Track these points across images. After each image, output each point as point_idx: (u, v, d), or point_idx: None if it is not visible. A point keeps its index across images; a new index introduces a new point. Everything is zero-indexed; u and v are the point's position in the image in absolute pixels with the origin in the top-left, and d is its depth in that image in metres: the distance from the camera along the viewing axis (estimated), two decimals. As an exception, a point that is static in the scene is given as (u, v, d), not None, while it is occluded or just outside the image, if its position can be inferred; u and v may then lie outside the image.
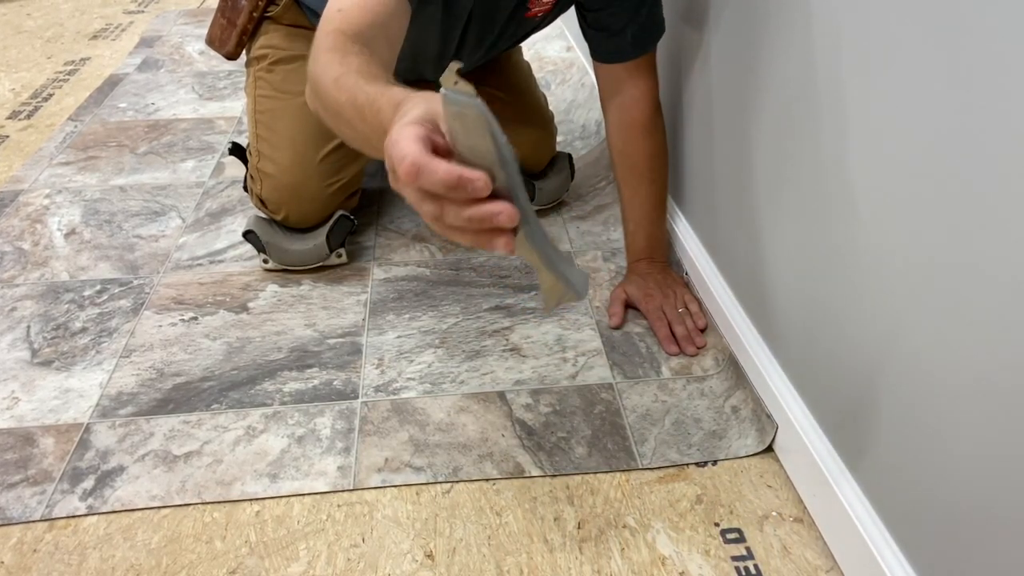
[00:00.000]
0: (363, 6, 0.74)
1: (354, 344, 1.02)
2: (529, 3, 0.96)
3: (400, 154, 0.48)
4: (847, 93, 0.65)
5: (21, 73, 1.95)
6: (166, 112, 1.71)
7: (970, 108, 0.50)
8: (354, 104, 0.64)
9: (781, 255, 0.82)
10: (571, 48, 1.98)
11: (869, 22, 0.61)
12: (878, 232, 0.63)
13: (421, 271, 1.17)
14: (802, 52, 0.72)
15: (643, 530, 0.77)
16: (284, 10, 1.11)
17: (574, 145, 1.52)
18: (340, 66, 0.68)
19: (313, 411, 0.92)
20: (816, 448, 0.76)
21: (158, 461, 0.85)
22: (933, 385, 0.58)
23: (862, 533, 0.67)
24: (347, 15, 0.74)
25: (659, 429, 0.89)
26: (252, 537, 0.77)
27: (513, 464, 0.85)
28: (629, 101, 1.04)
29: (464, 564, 0.74)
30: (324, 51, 0.71)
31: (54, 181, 1.42)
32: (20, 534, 0.78)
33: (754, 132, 0.86)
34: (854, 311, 0.68)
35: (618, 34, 1.00)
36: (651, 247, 1.08)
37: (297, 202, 1.11)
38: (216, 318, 1.07)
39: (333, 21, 0.74)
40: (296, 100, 1.11)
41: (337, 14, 0.74)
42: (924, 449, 0.60)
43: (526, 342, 1.02)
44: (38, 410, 0.92)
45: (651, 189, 1.06)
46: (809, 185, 0.74)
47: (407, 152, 0.48)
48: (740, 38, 0.87)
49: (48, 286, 1.14)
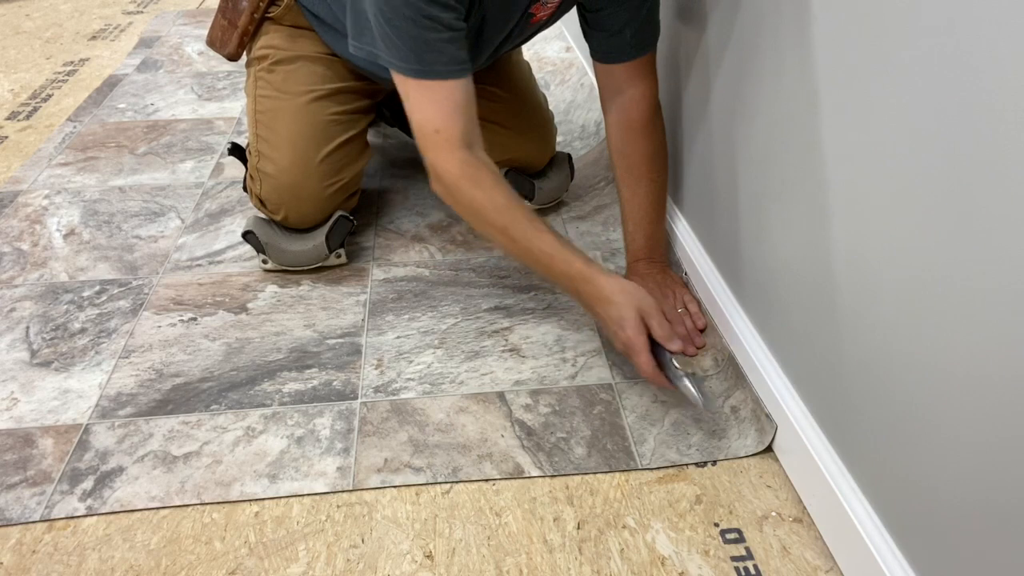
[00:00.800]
0: (452, 114, 0.88)
1: (353, 345, 1.02)
2: (533, 8, 0.96)
3: (640, 361, 0.86)
4: (847, 94, 0.65)
5: (20, 74, 1.95)
6: (165, 113, 1.71)
7: (971, 109, 0.50)
8: (531, 253, 0.90)
9: (780, 255, 0.82)
10: (570, 48, 1.98)
11: (869, 23, 0.61)
12: (877, 232, 0.63)
13: (420, 271, 1.17)
14: (802, 52, 0.72)
15: (642, 530, 0.77)
16: (285, 11, 1.11)
17: (573, 145, 1.52)
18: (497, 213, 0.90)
19: (312, 412, 0.92)
20: (815, 448, 0.76)
21: (157, 462, 0.85)
22: (932, 385, 0.58)
23: (861, 533, 0.67)
24: (448, 134, 0.89)
25: (658, 429, 0.89)
26: (251, 538, 0.77)
27: (512, 464, 0.85)
28: (628, 101, 1.04)
29: (463, 565, 0.74)
30: (458, 179, 0.90)
31: (53, 182, 1.42)
32: (19, 535, 0.78)
33: (753, 132, 0.86)
34: (853, 311, 0.68)
35: (617, 34, 1.00)
36: (650, 247, 1.08)
37: (296, 202, 1.11)
38: (215, 319, 1.07)
39: (438, 143, 0.89)
40: (296, 100, 1.11)
41: (436, 135, 0.89)
42: (923, 449, 0.60)
43: (525, 342, 1.02)
44: (37, 411, 0.92)
45: (650, 189, 1.06)
46: (808, 185, 0.74)
47: (646, 367, 0.86)
48: (739, 38, 0.87)
49: (47, 287, 1.14)
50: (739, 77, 0.88)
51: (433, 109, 0.88)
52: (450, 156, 0.89)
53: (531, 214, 0.91)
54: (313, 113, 1.11)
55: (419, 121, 0.89)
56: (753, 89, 0.84)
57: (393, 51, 0.86)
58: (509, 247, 0.92)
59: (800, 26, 0.72)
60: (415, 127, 0.90)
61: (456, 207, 0.93)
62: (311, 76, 1.12)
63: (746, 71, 0.86)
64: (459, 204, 0.92)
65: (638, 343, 0.86)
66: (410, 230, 1.28)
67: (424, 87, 0.87)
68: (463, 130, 0.89)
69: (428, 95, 0.88)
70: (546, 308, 1.09)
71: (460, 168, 0.89)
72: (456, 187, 0.90)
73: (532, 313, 1.08)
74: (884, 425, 0.65)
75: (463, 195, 0.90)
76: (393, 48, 0.86)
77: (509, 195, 0.91)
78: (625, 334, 0.86)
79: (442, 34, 0.84)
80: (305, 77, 1.12)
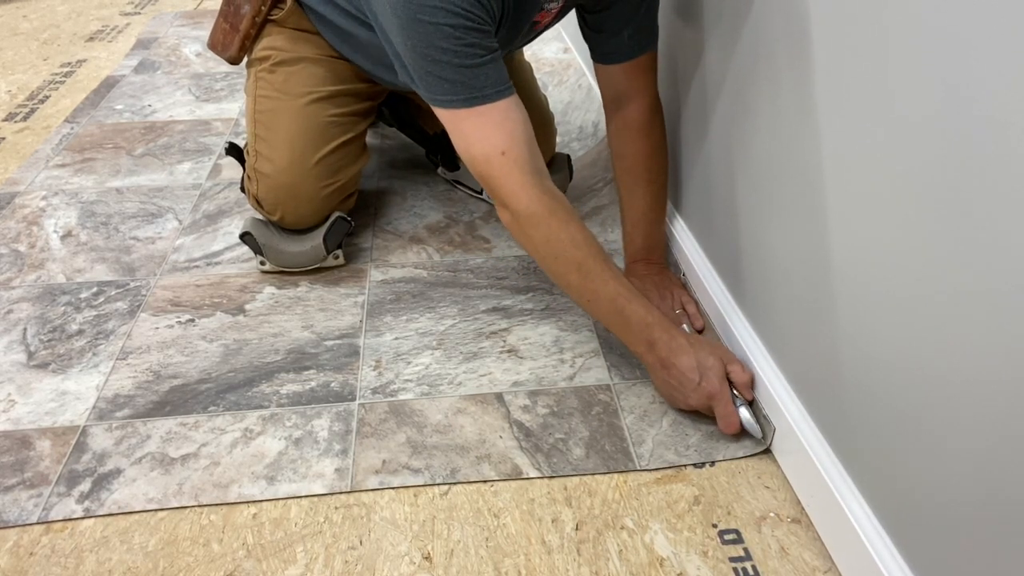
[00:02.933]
0: (514, 133, 0.85)
1: (351, 346, 1.02)
2: (538, 16, 0.96)
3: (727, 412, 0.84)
4: (846, 95, 0.65)
5: (17, 75, 1.95)
6: (163, 114, 1.71)
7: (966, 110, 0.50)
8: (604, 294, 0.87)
9: (778, 257, 0.82)
10: (568, 50, 1.98)
11: (868, 23, 0.61)
12: (875, 234, 0.63)
13: (418, 272, 1.17)
14: (801, 53, 0.72)
15: (641, 531, 0.77)
16: (288, 14, 1.11)
17: (571, 146, 1.53)
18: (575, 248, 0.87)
19: (310, 413, 0.92)
20: (814, 449, 0.76)
21: (155, 464, 0.85)
22: (929, 386, 0.58)
23: (860, 534, 0.67)
24: (514, 155, 0.85)
25: (657, 430, 0.89)
26: (249, 540, 0.77)
27: (511, 466, 0.85)
28: (628, 102, 1.05)
29: (462, 566, 0.74)
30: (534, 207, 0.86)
31: (50, 183, 1.42)
32: (16, 537, 0.77)
33: (752, 134, 0.86)
34: (851, 313, 0.68)
35: (616, 35, 1.00)
36: (649, 248, 1.08)
37: (294, 203, 1.11)
38: (213, 320, 1.07)
39: (507, 168, 0.85)
40: (296, 101, 1.11)
41: (502, 158, 0.85)
42: (922, 450, 0.60)
43: (524, 343, 1.02)
44: (34, 413, 0.92)
45: (649, 190, 1.07)
46: (807, 187, 0.74)
47: (733, 419, 0.84)
48: (739, 41, 0.87)
49: (44, 288, 1.14)
50: (739, 79, 0.88)
51: (494, 133, 0.84)
52: (522, 180, 0.85)
53: (605, 253, 0.88)
54: (312, 114, 1.11)
55: (482, 149, 0.85)
56: (753, 91, 0.84)
57: (437, 87, 0.83)
58: (579, 284, 0.87)
59: (799, 29, 0.72)
60: (476, 160, 0.86)
61: (526, 238, 0.88)
62: (312, 78, 1.12)
63: (746, 73, 0.86)
64: (532, 235, 0.87)
65: (725, 394, 0.84)
66: (408, 231, 1.28)
67: (479, 114, 0.84)
68: (529, 152, 0.86)
69: (484, 120, 0.84)
70: (544, 309, 1.09)
71: (535, 195, 0.85)
72: (531, 216, 0.85)
73: (530, 314, 1.08)
74: (882, 426, 0.65)
75: (538, 226, 0.86)
76: (437, 84, 0.83)
77: (585, 230, 0.87)
78: (711, 383, 0.84)
79: (485, 57, 0.82)
80: (306, 79, 1.12)
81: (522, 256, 1.21)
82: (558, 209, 0.86)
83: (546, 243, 0.87)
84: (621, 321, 0.88)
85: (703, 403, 0.85)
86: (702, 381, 0.84)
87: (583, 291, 0.88)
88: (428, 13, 0.78)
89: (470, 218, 1.31)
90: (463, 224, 1.29)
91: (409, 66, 0.84)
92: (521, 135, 0.85)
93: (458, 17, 0.78)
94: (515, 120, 0.85)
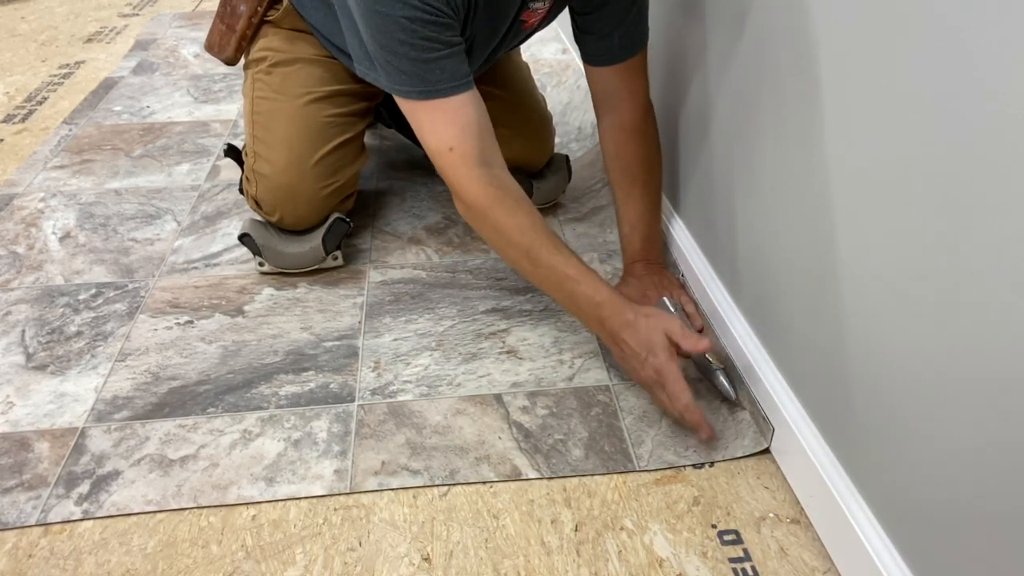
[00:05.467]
0: (464, 130, 0.87)
1: (350, 347, 1.02)
2: (524, 15, 0.96)
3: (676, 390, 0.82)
4: (844, 95, 0.65)
5: (15, 76, 1.95)
6: (161, 115, 1.71)
7: (972, 108, 0.51)
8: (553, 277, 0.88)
9: (778, 257, 0.82)
10: (566, 50, 1.98)
11: (866, 24, 0.61)
12: (875, 235, 0.63)
13: (417, 273, 1.17)
14: (799, 53, 0.72)
15: (640, 532, 0.77)
16: (284, 15, 1.11)
17: (570, 147, 1.53)
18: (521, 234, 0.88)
19: (309, 414, 0.92)
20: (813, 449, 0.76)
21: (154, 465, 0.85)
22: (929, 387, 0.58)
23: (859, 534, 0.67)
24: (463, 151, 0.87)
25: (656, 431, 0.89)
26: (248, 541, 0.77)
27: (510, 467, 0.84)
28: (620, 104, 1.05)
29: (461, 567, 0.74)
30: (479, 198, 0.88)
31: (49, 184, 1.42)
32: (15, 539, 0.77)
33: (750, 134, 0.86)
34: (851, 313, 0.68)
35: (606, 37, 1.00)
36: (647, 249, 1.08)
37: (292, 204, 1.11)
38: (212, 321, 1.07)
39: (455, 162, 0.88)
40: (294, 102, 1.11)
41: (451, 154, 0.87)
42: (921, 450, 0.60)
43: (523, 344, 1.02)
44: (33, 415, 0.92)
45: (645, 191, 1.07)
46: (806, 187, 0.74)
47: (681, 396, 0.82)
48: (738, 41, 0.87)
49: (43, 290, 1.14)
50: (739, 77, 0.88)
51: (444, 128, 0.87)
52: (469, 174, 0.88)
53: (554, 237, 0.89)
54: (310, 115, 1.11)
55: (433, 143, 0.88)
56: (751, 91, 0.84)
57: (396, 77, 0.85)
58: (530, 270, 0.90)
59: (801, 31, 0.72)
60: (431, 152, 0.89)
61: (477, 228, 0.92)
62: (309, 78, 1.12)
63: (747, 71, 0.86)
64: (481, 225, 0.91)
65: (670, 370, 0.82)
66: (407, 232, 1.28)
67: (432, 107, 0.86)
68: (478, 146, 0.88)
69: (437, 115, 0.86)
70: (543, 310, 1.09)
71: (481, 187, 0.88)
72: (477, 207, 0.89)
73: (529, 315, 1.08)
74: (881, 426, 0.65)
75: (485, 216, 0.89)
76: (395, 74, 0.85)
77: (533, 216, 0.89)
78: (657, 360, 0.82)
79: (441, 51, 0.84)
80: (303, 79, 1.12)
81: (521, 257, 1.21)
82: (504, 199, 0.88)
83: (495, 231, 0.90)
84: (572, 303, 0.89)
85: (652, 378, 0.84)
86: (648, 356, 0.83)
87: (535, 276, 0.90)
88: (386, 5, 0.80)
89: (469, 219, 1.31)
90: (462, 225, 1.29)
91: (372, 55, 0.86)
92: (473, 130, 0.87)
93: (415, 10, 0.80)
94: (468, 116, 0.87)
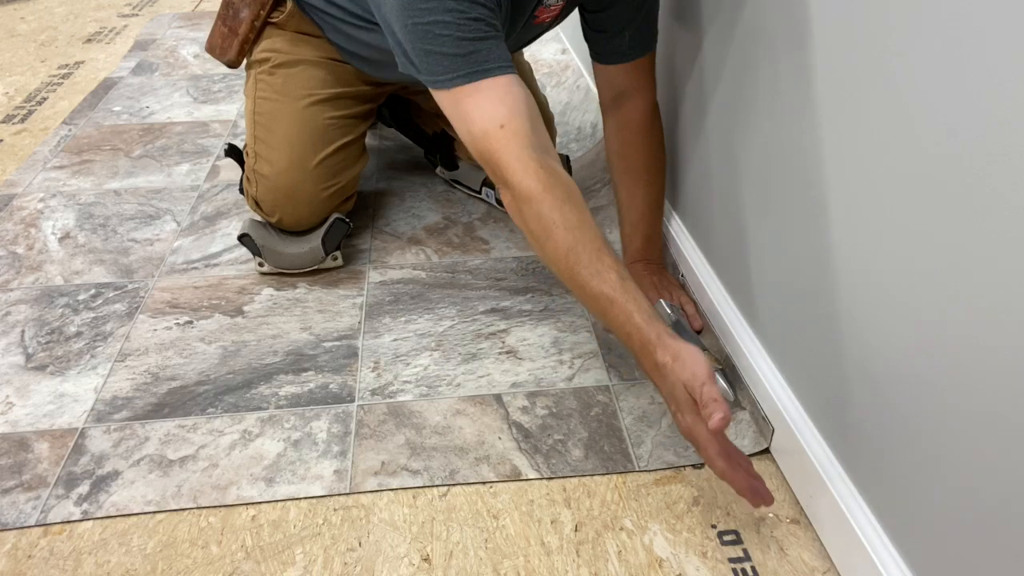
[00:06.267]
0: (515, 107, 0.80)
1: (350, 347, 1.02)
2: (538, 11, 0.96)
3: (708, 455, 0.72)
4: (844, 96, 0.65)
5: (15, 77, 1.95)
6: (161, 115, 1.71)
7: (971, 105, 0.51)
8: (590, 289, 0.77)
9: (777, 258, 0.82)
10: (566, 51, 1.98)
11: (868, 19, 0.61)
12: (874, 235, 0.63)
13: (417, 274, 1.17)
14: (799, 56, 0.72)
15: (640, 532, 0.77)
16: (289, 17, 1.11)
17: (570, 147, 1.53)
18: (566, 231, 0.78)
19: (309, 415, 0.92)
20: (812, 450, 0.76)
21: (153, 466, 0.85)
22: (928, 387, 0.58)
23: (859, 534, 0.67)
24: (514, 127, 0.79)
25: (656, 431, 0.89)
26: (248, 542, 0.77)
27: (510, 467, 0.84)
28: (628, 102, 1.05)
29: (461, 568, 0.74)
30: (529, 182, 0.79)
31: (48, 185, 1.42)
32: (15, 540, 0.77)
33: (751, 132, 0.86)
34: (850, 313, 0.68)
35: (617, 35, 1.00)
36: (647, 249, 1.08)
37: (292, 205, 1.11)
38: (211, 322, 1.07)
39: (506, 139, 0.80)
40: (296, 103, 1.11)
41: (501, 131, 0.79)
42: (920, 450, 0.60)
43: (522, 344, 1.02)
44: (32, 415, 0.92)
45: (649, 191, 1.07)
46: (805, 188, 0.74)
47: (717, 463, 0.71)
48: (738, 42, 0.87)
49: (42, 290, 1.14)
50: (738, 80, 0.88)
51: (494, 107, 0.79)
52: (521, 154, 0.78)
53: (600, 239, 0.78)
54: (312, 117, 1.11)
55: (481, 125, 0.79)
56: (751, 92, 0.84)
57: (437, 65, 0.79)
58: (567, 273, 0.79)
59: (798, 30, 0.72)
60: (476, 137, 0.80)
61: (520, 220, 0.81)
62: (311, 80, 1.12)
63: (745, 74, 0.86)
64: (526, 215, 0.79)
65: (699, 433, 0.71)
66: (406, 232, 1.28)
67: (479, 89, 0.79)
68: (530, 126, 0.80)
69: (486, 96, 0.80)
70: (543, 310, 1.09)
71: (532, 170, 0.78)
72: (524, 191, 0.78)
73: (529, 315, 1.08)
74: (881, 426, 0.65)
75: (530, 202, 0.78)
76: (437, 62, 0.79)
77: (584, 216, 0.79)
78: (684, 420, 0.73)
79: (488, 33, 0.79)
80: (305, 81, 1.12)
81: (520, 257, 1.21)
82: (555, 187, 0.78)
83: (537, 220, 0.79)
84: (606, 320, 0.79)
85: (688, 433, 0.74)
86: (677, 413, 0.74)
87: (571, 279, 0.79)
88: None
89: (468, 219, 1.31)
90: (461, 225, 1.29)
91: (409, 50, 0.81)
92: (523, 110, 0.80)
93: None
94: (517, 96, 0.80)
